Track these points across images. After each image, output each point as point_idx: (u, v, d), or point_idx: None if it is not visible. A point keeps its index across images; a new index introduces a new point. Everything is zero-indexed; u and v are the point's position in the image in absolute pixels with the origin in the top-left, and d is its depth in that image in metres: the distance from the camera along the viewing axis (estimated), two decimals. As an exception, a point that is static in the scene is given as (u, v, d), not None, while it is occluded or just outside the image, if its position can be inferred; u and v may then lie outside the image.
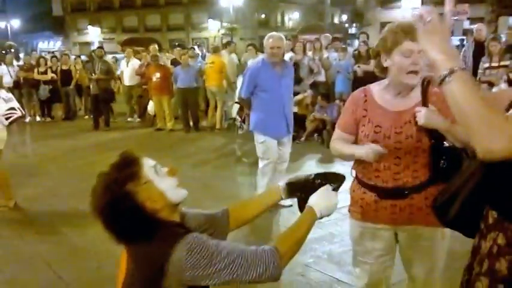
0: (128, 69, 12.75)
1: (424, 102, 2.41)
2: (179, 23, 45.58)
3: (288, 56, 10.57)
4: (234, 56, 12.51)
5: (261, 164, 5.81)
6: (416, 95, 2.44)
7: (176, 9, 45.40)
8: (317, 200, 1.92)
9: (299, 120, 9.96)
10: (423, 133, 2.37)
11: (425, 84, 2.44)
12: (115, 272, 4.14)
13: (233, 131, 11.16)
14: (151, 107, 11.99)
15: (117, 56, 20.34)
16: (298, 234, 1.84)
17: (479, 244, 1.58)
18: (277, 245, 1.75)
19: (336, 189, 1.99)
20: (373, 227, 2.59)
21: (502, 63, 8.32)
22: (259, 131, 5.66)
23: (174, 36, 43.02)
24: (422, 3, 41.27)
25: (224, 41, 33.14)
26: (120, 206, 1.67)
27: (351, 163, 2.67)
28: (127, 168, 1.73)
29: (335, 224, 5.08)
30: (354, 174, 2.66)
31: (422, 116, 2.33)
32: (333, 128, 2.75)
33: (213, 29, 44.02)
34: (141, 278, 1.70)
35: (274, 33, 5.74)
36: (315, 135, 9.81)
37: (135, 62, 12.90)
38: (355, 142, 2.58)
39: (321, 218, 1.92)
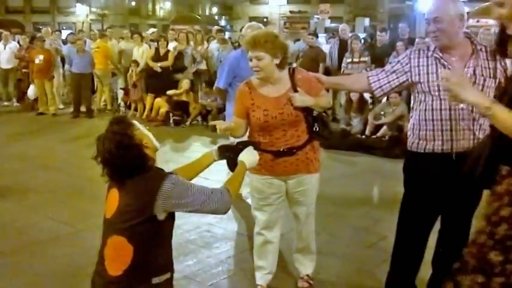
0: (5, 52, 12.46)
1: (294, 87, 3.28)
2: (44, 6, 43.13)
3: (171, 46, 11.18)
4: (115, 41, 12.83)
5: None
6: (286, 82, 3.29)
7: (41, -9, 43.17)
8: (245, 156, 2.73)
9: (183, 106, 10.67)
10: (298, 109, 3.25)
11: (292, 72, 3.32)
12: (36, 238, 4.61)
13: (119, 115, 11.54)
14: (31, 90, 11.89)
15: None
16: (238, 179, 2.62)
17: (494, 190, 2.23)
18: (227, 186, 2.48)
19: (255, 149, 2.84)
20: (270, 178, 3.41)
21: (362, 59, 9.74)
22: None
23: (38, 19, 40.77)
24: (288, 2, 43.55)
25: (93, 27, 32.42)
26: (126, 143, 2.27)
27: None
28: (123, 121, 2.37)
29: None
30: None
31: (298, 99, 3.21)
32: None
33: (80, 14, 42.57)
34: (135, 207, 2.27)
35: (253, 23, 5.49)
36: (199, 119, 10.54)
37: (13, 45, 12.64)
38: (248, 124, 3.36)
39: (249, 168, 2.74)
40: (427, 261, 3.41)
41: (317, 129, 3.32)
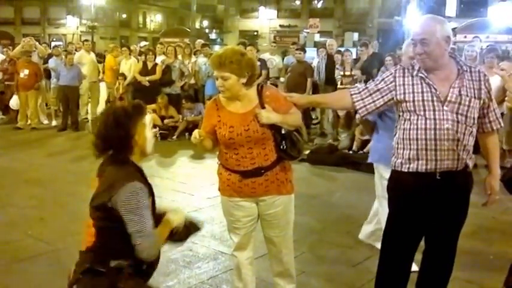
0: (-12, 64, 12.37)
1: (261, 104, 3.21)
2: (34, 17, 43.24)
3: (159, 59, 11.14)
4: (93, 54, 12.90)
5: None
6: (254, 99, 3.23)
7: (31, 3, 43.10)
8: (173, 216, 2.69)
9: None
10: (265, 127, 3.17)
11: (260, 89, 3.26)
12: (15, 256, 4.47)
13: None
14: (14, 101, 11.74)
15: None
16: (163, 234, 2.61)
17: None
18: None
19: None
20: (239, 200, 3.33)
21: (353, 72, 9.83)
22: (387, 163, 3.65)
23: (28, 30, 40.23)
24: (278, 16, 43.87)
25: (83, 39, 32.39)
26: (121, 121, 2.44)
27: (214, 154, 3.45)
28: (139, 108, 2.55)
29: (213, 209, 5.81)
30: (218, 162, 3.39)
31: (263, 116, 3.14)
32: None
33: (71, 25, 42.54)
34: (100, 197, 2.42)
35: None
36: (186, 134, 10.47)
37: (-1, 57, 12.56)
38: (215, 140, 3.28)
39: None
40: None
41: (285, 148, 3.22)
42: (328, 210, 6.13)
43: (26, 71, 11.10)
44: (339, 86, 9.93)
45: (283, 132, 3.21)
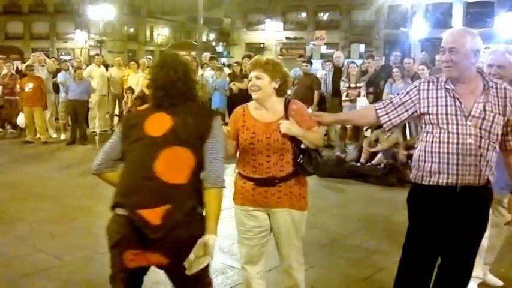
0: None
1: (286, 116, 3.29)
2: (43, 32, 43.75)
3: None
4: (103, 68, 12.99)
5: None
6: (280, 111, 3.31)
7: (40, 18, 43.64)
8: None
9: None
10: (286, 138, 3.25)
11: (287, 103, 3.35)
12: (24, 271, 4.47)
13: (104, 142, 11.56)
14: (21, 119, 11.82)
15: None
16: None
17: None
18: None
19: None
20: (251, 209, 3.36)
21: (358, 84, 9.83)
22: None
23: (37, 45, 41.03)
24: (284, 28, 44.07)
25: (92, 53, 32.71)
26: (190, 74, 2.78)
27: (233, 164, 3.48)
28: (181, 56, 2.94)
29: (221, 223, 5.76)
30: (236, 171, 3.45)
31: (284, 126, 3.22)
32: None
33: (79, 40, 42.94)
34: (199, 125, 2.65)
35: (498, 46, 4.10)
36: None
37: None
38: (237, 145, 3.36)
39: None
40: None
41: (301, 161, 3.28)
42: (337, 223, 6.10)
43: (30, 85, 11.18)
44: (343, 98, 9.95)
45: (302, 147, 3.28)
